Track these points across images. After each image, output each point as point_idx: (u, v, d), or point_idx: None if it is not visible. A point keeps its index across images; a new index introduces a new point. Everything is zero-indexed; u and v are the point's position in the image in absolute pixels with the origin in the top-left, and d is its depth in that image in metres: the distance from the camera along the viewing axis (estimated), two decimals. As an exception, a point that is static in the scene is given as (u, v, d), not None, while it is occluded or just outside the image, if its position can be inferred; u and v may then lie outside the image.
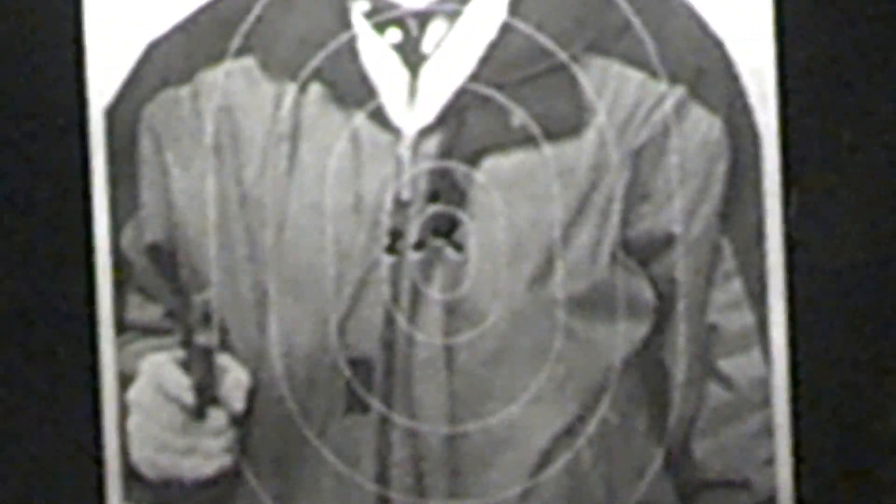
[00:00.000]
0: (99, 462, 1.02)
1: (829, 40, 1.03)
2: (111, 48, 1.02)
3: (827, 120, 1.02)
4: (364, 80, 1.00)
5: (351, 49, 1.01)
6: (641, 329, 0.99)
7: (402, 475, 1.01)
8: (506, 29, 1.00)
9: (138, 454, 1.02)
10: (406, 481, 1.01)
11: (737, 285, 0.99)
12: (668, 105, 0.98)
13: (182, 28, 1.02)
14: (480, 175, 0.99)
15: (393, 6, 1.00)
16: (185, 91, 1.01)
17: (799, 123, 1.00)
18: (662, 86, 0.98)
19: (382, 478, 1.01)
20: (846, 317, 1.03)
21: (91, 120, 1.01)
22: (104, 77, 1.01)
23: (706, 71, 0.99)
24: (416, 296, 1.00)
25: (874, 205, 1.03)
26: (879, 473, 1.03)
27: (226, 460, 1.02)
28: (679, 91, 0.98)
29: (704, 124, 0.98)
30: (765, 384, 0.99)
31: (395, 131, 1.00)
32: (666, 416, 1.00)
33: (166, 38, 1.02)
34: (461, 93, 0.99)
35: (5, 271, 1.04)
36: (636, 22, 0.99)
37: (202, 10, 1.02)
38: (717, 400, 0.99)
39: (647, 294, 0.99)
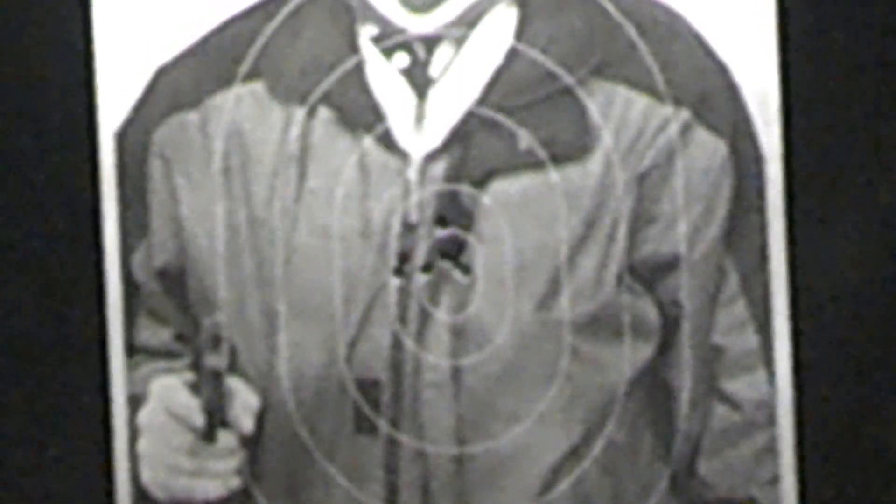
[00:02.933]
0: (110, 484, 1.01)
1: (834, 64, 1.02)
2: (121, 73, 1.00)
3: (831, 143, 1.01)
4: (372, 104, 0.99)
5: (359, 73, 1.00)
6: (647, 350, 0.98)
7: (411, 496, 1.00)
8: (512, 53, 0.99)
9: (149, 476, 1.01)
10: (413, 502, 1.00)
11: (741, 307, 0.97)
12: (674, 128, 0.97)
13: (191, 53, 1.01)
14: (487, 198, 0.98)
15: (400, 31, 0.99)
16: (194, 116, 1.00)
17: (803, 147, 1.00)
18: (668, 109, 0.97)
19: (391, 499, 1.00)
20: (850, 338, 1.02)
21: (101, 144, 1.00)
22: (114, 102, 1.00)
23: (711, 95, 0.98)
24: (424, 318, 0.99)
25: (878, 227, 1.03)
26: (884, 494, 1.03)
27: (236, 482, 1.01)
28: (684, 114, 0.97)
29: (709, 147, 0.97)
30: (769, 404, 0.98)
31: (402, 155, 0.99)
32: (672, 437, 0.99)
33: (175, 63, 1.00)
34: (468, 117, 0.98)
35: (17, 294, 1.03)
36: (641, 46, 0.98)
37: (211, 35, 1.00)
38: (723, 420, 0.98)
39: (653, 316, 0.98)
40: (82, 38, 1.01)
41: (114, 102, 1.00)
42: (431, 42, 0.99)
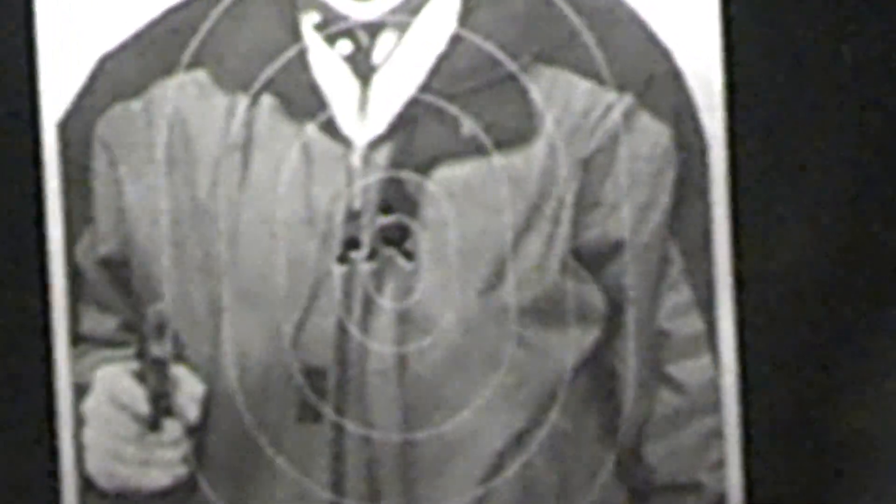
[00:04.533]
0: (54, 474, 0.99)
1: (778, 48, 1.01)
2: (64, 62, 0.99)
3: (775, 128, 1.00)
4: (315, 91, 0.97)
5: (302, 61, 0.98)
6: (592, 335, 0.97)
7: (356, 483, 0.99)
8: (455, 40, 0.97)
9: (94, 466, 0.99)
10: (360, 489, 0.99)
11: (685, 291, 0.96)
12: (617, 113, 0.96)
13: (134, 41, 0.99)
14: (431, 185, 0.97)
15: (343, 18, 0.98)
16: (137, 104, 0.98)
17: (746, 132, 0.98)
18: (611, 94, 0.96)
19: (337, 486, 0.99)
20: (794, 321, 1.01)
21: (44, 134, 0.98)
22: (57, 91, 0.99)
23: (654, 79, 0.96)
24: (369, 305, 0.97)
25: (822, 211, 1.01)
26: (829, 477, 1.02)
27: (181, 471, 0.99)
28: (628, 99, 0.96)
29: (653, 132, 0.96)
30: (714, 388, 0.97)
31: (346, 142, 0.97)
32: (617, 421, 0.97)
33: (119, 51, 0.99)
34: (411, 103, 0.97)
35: None
36: (585, 31, 0.96)
37: (154, 24, 0.99)
38: (668, 404, 0.97)
39: (597, 301, 0.97)
40: (24, 26, 0.99)
41: (56, 92, 0.99)
42: (374, 29, 0.98)
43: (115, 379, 1.00)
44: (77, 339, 1.00)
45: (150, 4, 1.00)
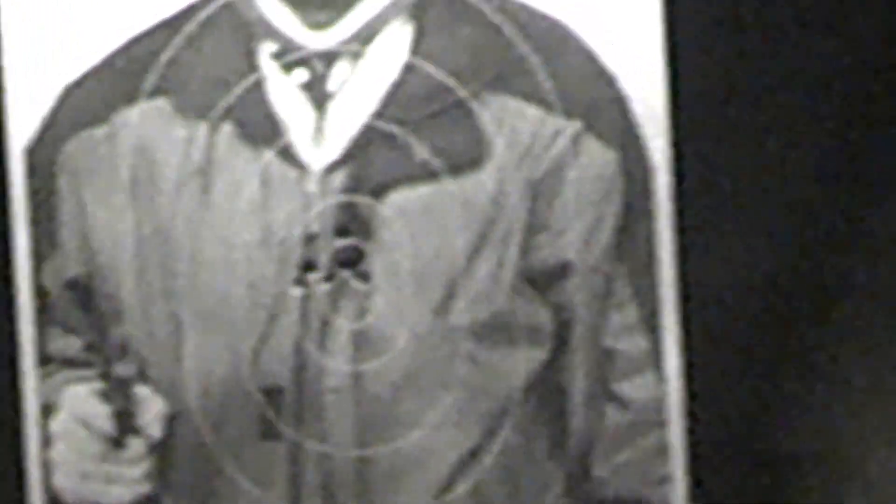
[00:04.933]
0: (21, 491, 1.02)
1: (720, 74, 1.03)
2: (29, 90, 1.02)
3: (718, 152, 1.03)
4: (272, 118, 1.00)
5: (259, 89, 1.01)
6: (541, 354, 0.99)
7: (314, 499, 1.01)
8: (408, 68, 1.00)
9: (61, 482, 1.02)
10: (312, 498, 1.02)
11: (631, 311, 0.99)
12: (565, 139, 0.98)
13: (97, 70, 1.02)
14: (385, 208, 0.99)
15: (299, 47, 1.00)
16: (101, 131, 1.01)
17: (691, 156, 1.01)
18: (559, 120, 0.98)
19: (295, 501, 1.01)
20: (738, 339, 1.03)
21: (11, 160, 1.01)
22: (23, 119, 1.01)
23: (600, 106, 0.99)
24: (325, 326, 1.00)
25: (764, 232, 1.04)
26: (773, 492, 1.04)
27: (145, 488, 1.02)
28: (575, 125, 0.98)
29: (599, 157, 0.99)
30: (659, 405, 0.99)
31: (302, 168, 1.00)
32: (566, 438, 1.00)
33: (82, 80, 1.02)
34: (366, 130, 0.99)
35: None
36: (533, 59, 0.99)
37: (117, 53, 1.02)
38: (614, 421, 0.99)
39: (546, 320, 0.99)
40: None
41: (22, 119, 1.01)
42: (329, 58, 1.00)
43: (81, 398, 1.02)
44: (44, 359, 1.02)
45: (113, 35, 1.02)
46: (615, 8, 1.00)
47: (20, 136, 1.01)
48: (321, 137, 1.00)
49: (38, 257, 1.02)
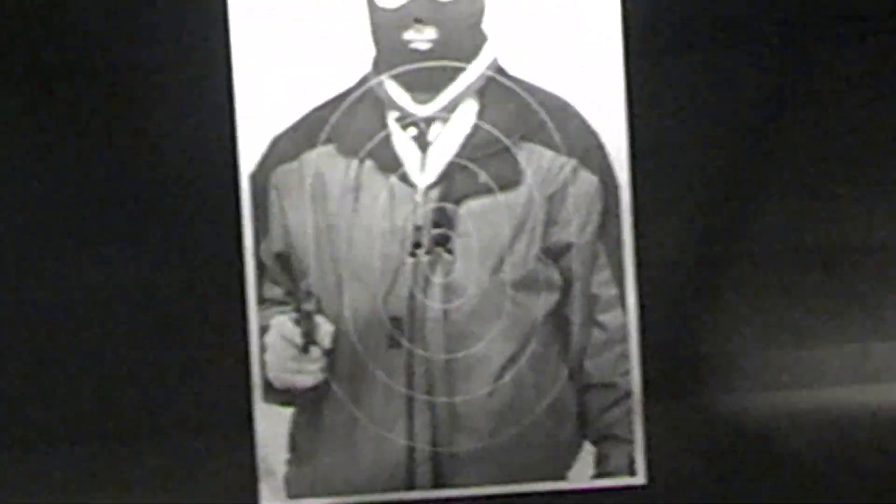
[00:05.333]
0: (248, 380, 1.70)
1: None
2: (252, 138, 1.69)
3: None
4: (395, 157, 1.66)
5: (388, 139, 1.68)
6: (554, 297, 1.65)
7: (420, 383, 1.67)
8: (475, 127, 1.66)
9: (271, 373, 1.68)
10: (422, 386, 1.67)
11: (607, 272, 1.64)
12: (567, 170, 1.64)
13: (293, 127, 1.68)
14: (462, 211, 1.66)
15: (411, 114, 1.67)
16: (294, 164, 1.67)
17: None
18: (564, 158, 1.64)
19: (409, 384, 1.67)
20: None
21: (242, 181, 1.69)
22: (248, 156, 1.69)
23: (588, 150, 1.65)
24: (426, 281, 1.67)
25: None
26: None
27: (320, 377, 1.68)
28: (573, 162, 1.64)
29: (587, 180, 1.64)
30: (624, 329, 1.65)
31: (413, 186, 1.66)
32: (569, 348, 1.66)
33: (284, 133, 1.68)
34: (451, 164, 1.66)
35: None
36: (548, 122, 1.65)
37: (305, 116, 1.69)
38: (597, 338, 1.65)
39: (556, 277, 1.65)
40: (228, 119, 1.70)
41: (248, 156, 1.69)
42: (429, 120, 1.67)
43: (282, 323, 1.69)
44: (261, 300, 1.69)
45: (303, 102, 1.70)
46: (596, 91, 1.65)
47: (247, 166, 1.68)
48: (424, 168, 1.66)
49: (258, 241, 1.69)
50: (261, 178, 1.66)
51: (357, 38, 1.66)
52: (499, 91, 1.63)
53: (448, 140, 1.63)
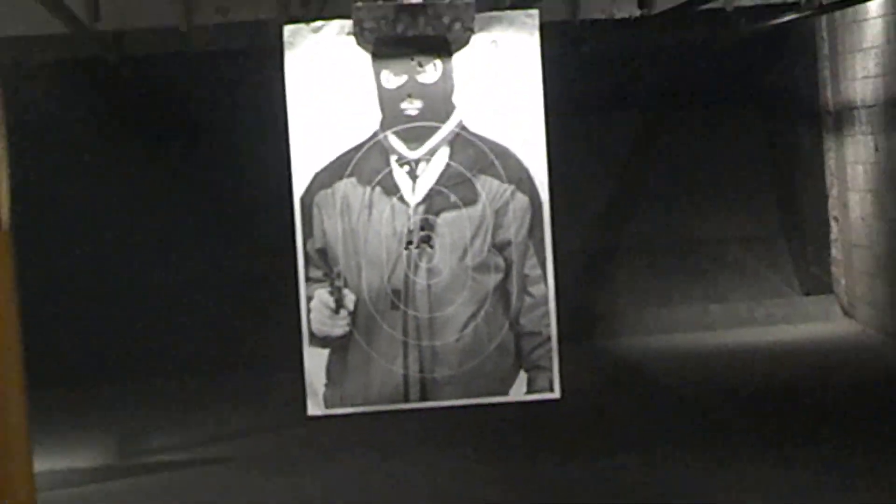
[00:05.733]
0: (300, 331, 2.54)
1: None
2: (301, 172, 2.52)
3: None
4: (395, 185, 2.51)
5: (390, 173, 2.52)
6: (499, 277, 2.52)
7: (412, 332, 2.53)
8: (448, 165, 2.51)
9: (314, 327, 2.54)
10: (413, 334, 2.53)
11: (534, 260, 2.51)
12: (508, 193, 2.49)
13: (328, 166, 2.53)
14: (440, 220, 2.51)
15: (405, 157, 2.51)
16: (329, 191, 2.52)
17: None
18: (506, 185, 2.50)
19: (405, 333, 2.53)
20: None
21: (294, 202, 2.52)
22: (299, 184, 2.53)
23: (522, 179, 2.50)
24: (416, 266, 2.51)
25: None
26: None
27: (346, 329, 2.53)
28: (511, 187, 2.49)
29: (521, 200, 2.50)
30: (546, 296, 2.51)
31: (407, 204, 2.51)
32: (509, 309, 2.52)
33: (322, 170, 2.53)
34: (432, 189, 2.50)
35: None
36: (496, 161, 2.50)
37: (336, 159, 2.52)
38: (528, 302, 2.51)
39: (501, 263, 2.51)
40: (286, 162, 2.53)
41: (299, 184, 2.52)
42: (417, 161, 2.51)
43: (322, 294, 2.55)
44: (308, 279, 2.55)
45: (334, 149, 2.52)
46: (526, 141, 2.49)
47: (298, 192, 2.53)
48: (414, 192, 2.51)
49: (305, 240, 2.53)
50: (307, 199, 2.50)
51: (370, 107, 2.49)
52: (463, 141, 2.48)
53: (430, 174, 2.47)
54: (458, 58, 2.67)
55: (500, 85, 2.56)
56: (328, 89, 2.57)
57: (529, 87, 2.54)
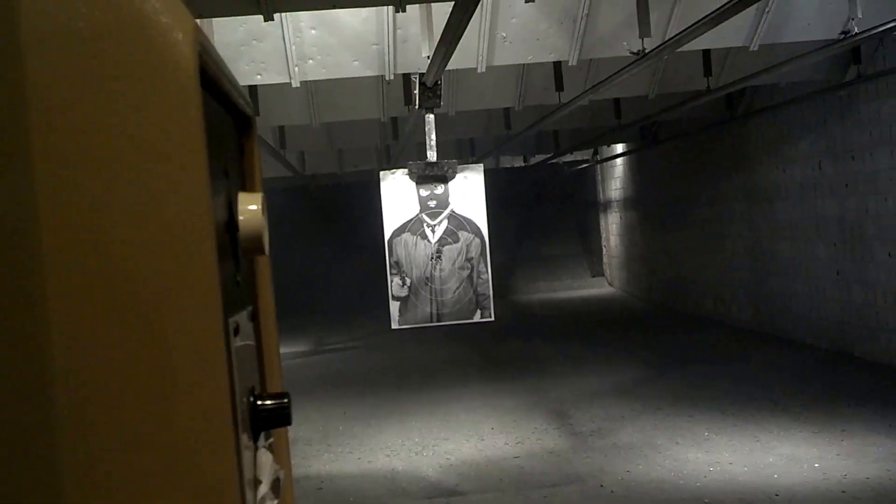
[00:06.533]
0: (388, 294, 5.91)
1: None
2: (389, 231, 5.88)
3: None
4: (426, 235, 5.90)
5: (424, 230, 5.90)
6: (468, 271, 5.95)
7: (436, 294, 5.92)
8: (447, 227, 5.91)
9: (393, 292, 5.90)
10: (433, 294, 5.91)
11: (483, 265, 5.93)
12: (472, 238, 5.92)
13: (398, 228, 5.89)
14: (445, 249, 5.92)
15: (430, 223, 5.89)
16: (400, 237, 5.89)
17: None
18: (471, 235, 5.93)
19: (430, 294, 5.91)
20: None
21: (385, 241, 5.88)
22: (387, 234, 5.88)
23: (477, 232, 5.92)
24: (434, 267, 5.91)
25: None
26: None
27: (407, 293, 5.92)
28: (473, 235, 5.93)
29: (477, 240, 5.93)
30: (488, 280, 5.93)
31: (430, 243, 5.91)
32: (472, 285, 5.93)
33: (396, 229, 5.89)
34: (440, 238, 5.90)
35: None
36: (466, 226, 5.90)
37: (402, 225, 5.89)
38: (480, 281, 5.94)
39: (469, 266, 5.94)
40: (382, 225, 5.89)
41: (387, 234, 5.88)
42: (434, 226, 5.91)
43: (396, 279, 5.91)
44: (391, 273, 5.90)
45: (401, 221, 5.87)
46: (480, 218, 5.92)
47: (387, 237, 5.88)
48: (434, 238, 5.90)
49: (389, 258, 5.89)
50: (391, 240, 5.84)
51: (414, 204, 5.85)
52: (453, 217, 5.87)
53: (439, 230, 5.88)
54: (451, 184, 5.92)
55: (467, 195, 5.88)
56: (398, 198, 5.82)
57: (479, 195, 5.86)
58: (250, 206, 0.79)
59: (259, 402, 0.80)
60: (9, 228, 0.49)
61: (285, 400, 0.80)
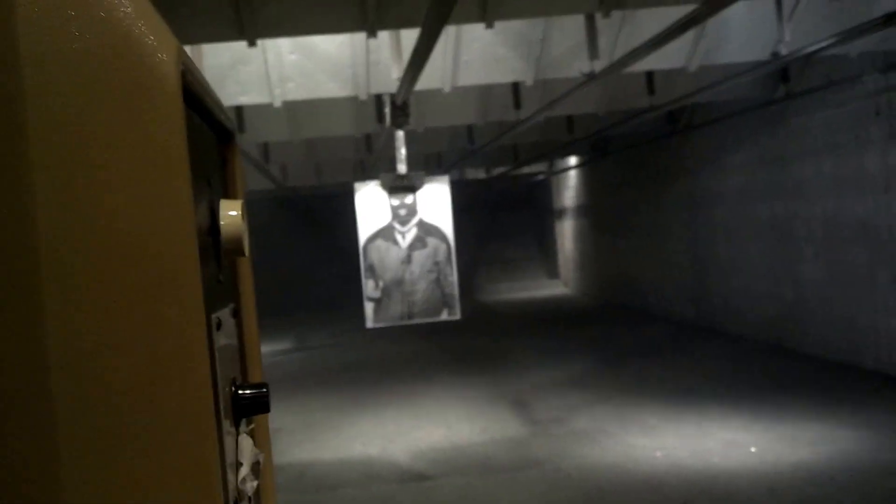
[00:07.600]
0: (362, 296, 5.89)
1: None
2: (364, 237, 5.87)
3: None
4: (396, 240, 5.88)
5: (395, 236, 5.88)
6: (436, 274, 5.93)
7: (407, 295, 5.90)
8: (416, 233, 5.90)
9: (367, 293, 5.89)
10: (408, 295, 5.90)
11: (449, 269, 5.92)
12: (439, 243, 5.90)
13: (372, 235, 5.87)
14: (415, 254, 5.90)
15: (401, 230, 5.88)
16: (373, 244, 5.88)
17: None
18: (437, 240, 5.91)
19: (402, 294, 5.90)
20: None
21: (360, 248, 5.87)
22: (362, 240, 5.87)
23: (444, 237, 5.91)
24: (406, 270, 5.90)
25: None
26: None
27: (379, 295, 5.91)
28: (439, 241, 5.91)
29: (444, 246, 5.92)
30: (454, 281, 5.92)
31: (400, 247, 5.89)
32: (441, 286, 5.92)
33: (371, 236, 5.87)
34: (411, 243, 5.89)
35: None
36: (434, 232, 5.89)
37: (375, 232, 5.86)
38: (447, 283, 5.93)
39: (436, 269, 5.93)
40: (356, 233, 5.87)
41: (362, 240, 5.87)
42: (404, 232, 5.89)
43: (370, 284, 5.89)
44: (366, 277, 5.88)
45: (374, 228, 5.86)
46: (446, 224, 5.90)
47: (361, 242, 5.87)
48: (404, 243, 5.88)
49: (364, 261, 5.87)
50: (366, 246, 5.82)
51: (386, 212, 5.84)
52: (422, 224, 5.86)
53: (409, 236, 5.85)
54: (419, 194, 5.92)
55: (434, 204, 5.89)
56: (371, 207, 5.83)
57: (445, 204, 5.87)
58: (231, 212, 0.80)
59: (240, 391, 0.80)
60: (9, 229, 0.50)
61: (264, 389, 0.81)
